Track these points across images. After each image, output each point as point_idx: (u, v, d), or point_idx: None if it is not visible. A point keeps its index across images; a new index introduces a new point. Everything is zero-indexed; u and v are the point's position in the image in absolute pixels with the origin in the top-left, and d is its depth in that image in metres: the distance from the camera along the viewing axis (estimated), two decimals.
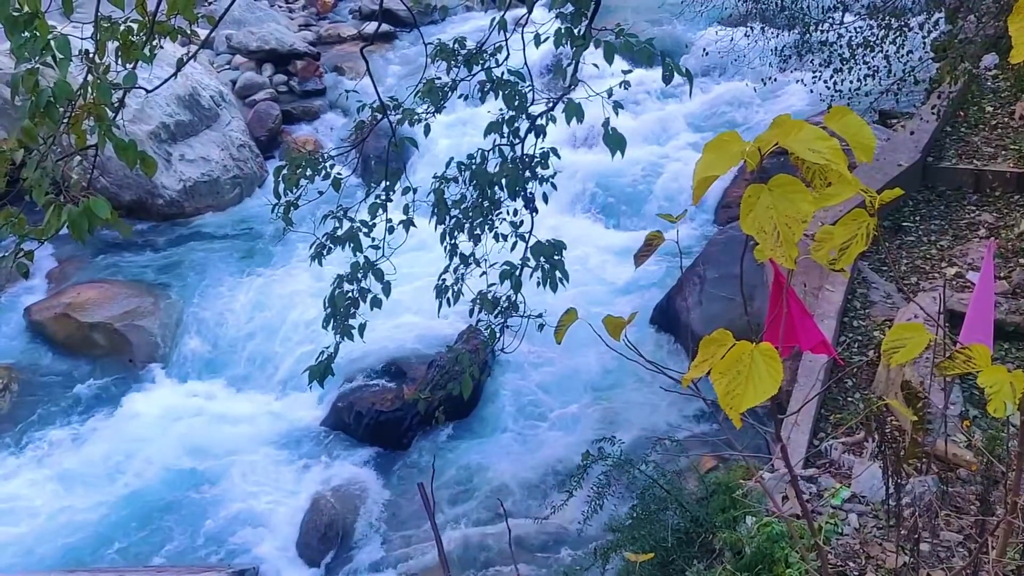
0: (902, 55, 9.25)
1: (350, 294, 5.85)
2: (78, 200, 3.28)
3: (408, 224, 5.98)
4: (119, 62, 3.79)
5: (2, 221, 3.40)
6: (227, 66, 16.51)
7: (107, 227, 3.43)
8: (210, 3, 17.29)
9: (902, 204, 8.89)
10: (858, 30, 9.80)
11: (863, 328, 7.23)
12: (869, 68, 9.45)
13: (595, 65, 5.37)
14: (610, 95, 5.42)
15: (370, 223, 5.84)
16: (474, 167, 5.87)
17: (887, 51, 9.21)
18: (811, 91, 10.29)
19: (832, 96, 9.27)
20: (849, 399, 6.49)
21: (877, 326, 7.17)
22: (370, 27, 17.91)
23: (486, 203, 5.90)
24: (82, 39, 3.58)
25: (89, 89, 3.47)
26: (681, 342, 8.99)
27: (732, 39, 12.39)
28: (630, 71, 5.64)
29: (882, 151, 9.20)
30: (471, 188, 5.93)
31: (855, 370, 6.64)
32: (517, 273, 5.79)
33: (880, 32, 9.34)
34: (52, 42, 3.32)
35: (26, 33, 3.28)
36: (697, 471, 6.15)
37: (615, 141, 5.09)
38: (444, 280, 6.13)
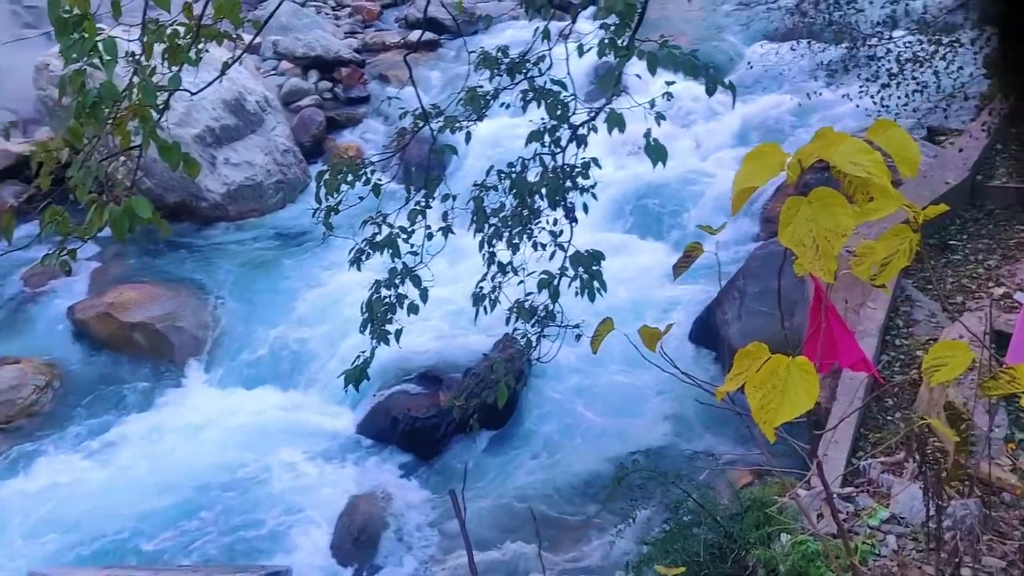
0: (952, 71, 9.12)
1: (387, 299, 5.86)
2: (120, 200, 3.31)
3: (447, 231, 5.98)
4: (165, 65, 3.83)
5: (47, 219, 3.45)
6: (273, 72, 16.69)
7: (149, 227, 3.46)
8: (257, 8, 17.50)
9: (948, 222, 8.75)
10: (907, 45, 9.68)
11: (905, 347, 7.12)
12: (918, 84, 9.32)
13: (638, 76, 5.35)
14: (652, 106, 5.39)
15: (409, 229, 5.85)
16: (514, 175, 5.86)
17: (936, 67, 9.09)
18: (857, 106, 10.18)
19: (879, 111, 9.16)
20: (889, 418, 6.38)
21: (920, 345, 7.05)
22: (414, 35, 18.03)
23: (525, 212, 5.88)
24: (129, 41, 3.63)
25: (135, 91, 3.51)
26: (720, 356, 8.92)
27: (778, 53, 12.31)
28: (673, 82, 5.61)
29: (929, 168, 9.07)
30: (511, 196, 5.92)
31: (896, 389, 6.53)
32: (555, 282, 5.77)
33: (930, 48, 9.22)
34: (100, 44, 3.36)
35: (75, 35, 3.33)
36: (732, 486, 6.08)
37: (656, 152, 5.06)
38: (481, 288, 6.12)
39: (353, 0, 21.05)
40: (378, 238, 5.85)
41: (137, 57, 3.63)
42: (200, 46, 3.91)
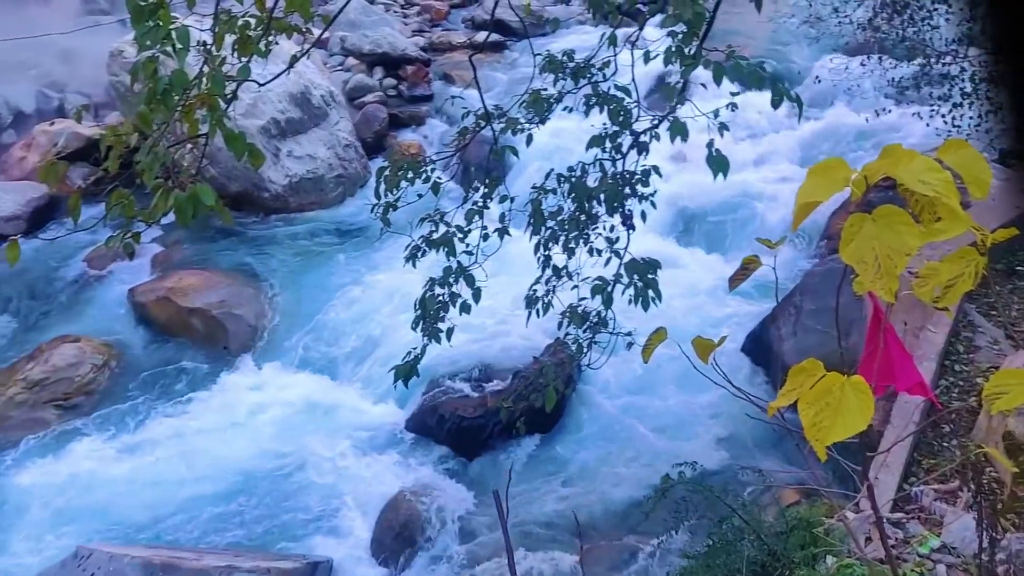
0: None
1: (440, 298, 5.88)
2: (185, 186, 3.37)
3: (503, 232, 5.99)
4: (235, 55, 3.89)
5: (113, 202, 3.52)
6: (339, 67, 16.88)
7: (211, 215, 3.52)
8: (327, 3, 17.70)
9: (1018, 247, 8.53)
10: (983, 64, 9.47)
11: (965, 373, 6.96)
12: (992, 104, 9.10)
13: (703, 85, 5.30)
14: (716, 116, 5.34)
15: (465, 229, 5.86)
16: (574, 180, 5.84)
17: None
18: (927, 125, 9.97)
19: (950, 132, 8.96)
20: (945, 445, 6.25)
21: (981, 372, 6.89)
22: (481, 36, 18.09)
23: (583, 217, 5.87)
24: (201, 31, 3.69)
25: (204, 80, 3.57)
26: (772, 372, 8.80)
27: (847, 68, 12.11)
28: (738, 93, 5.55)
29: (999, 191, 8.86)
30: (569, 201, 5.91)
31: (953, 415, 6.39)
32: (609, 289, 5.74)
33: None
34: (173, 32, 3.42)
35: (149, 23, 3.39)
36: (778, 503, 6.00)
37: (718, 163, 5.01)
38: (535, 291, 6.12)
39: None
40: (434, 236, 5.88)
41: (208, 47, 3.69)
42: (270, 38, 3.97)
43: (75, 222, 3.66)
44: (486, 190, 6.00)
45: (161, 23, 3.40)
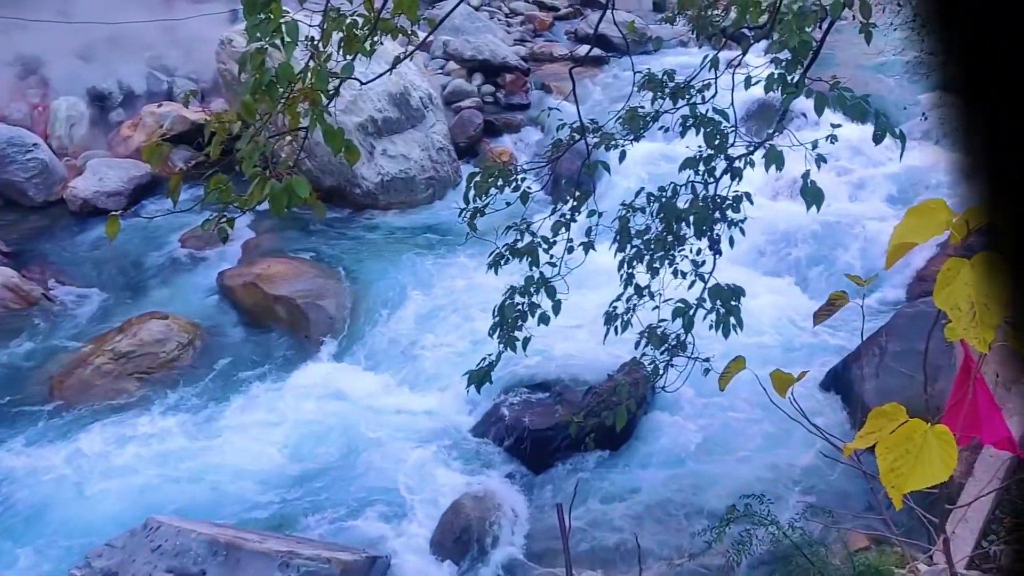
0: None
1: (520, 307, 5.89)
2: (282, 177, 3.44)
3: (588, 247, 5.97)
4: (340, 53, 3.96)
5: (211, 187, 3.61)
6: (440, 71, 17.08)
7: (304, 207, 3.58)
8: (432, 7, 17.93)
9: None
10: None
11: None
12: None
13: (803, 115, 5.23)
14: (815, 147, 5.25)
15: (551, 240, 5.86)
16: (664, 200, 5.81)
17: None
18: None
19: None
20: None
21: None
22: (582, 49, 18.10)
23: (670, 238, 5.82)
24: (310, 26, 3.77)
25: (309, 74, 3.64)
26: (850, 412, 8.59)
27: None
28: (839, 125, 5.45)
29: None
30: (657, 220, 5.87)
31: None
32: (691, 312, 5.68)
33: None
34: (283, 26, 3.51)
35: (261, 15, 3.48)
36: (846, 547, 5.85)
37: (813, 195, 4.92)
38: (615, 308, 6.08)
39: (527, 9, 21.33)
40: (519, 245, 5.90)
41: (315, 43, 3.77)
42: (375, 38, 4.03)
43: (174, 203, 3.77)
44: (575, 203, 6.00)
45: (272, 16, 3.48)
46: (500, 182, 5.82)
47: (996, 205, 0.72)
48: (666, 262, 5.91)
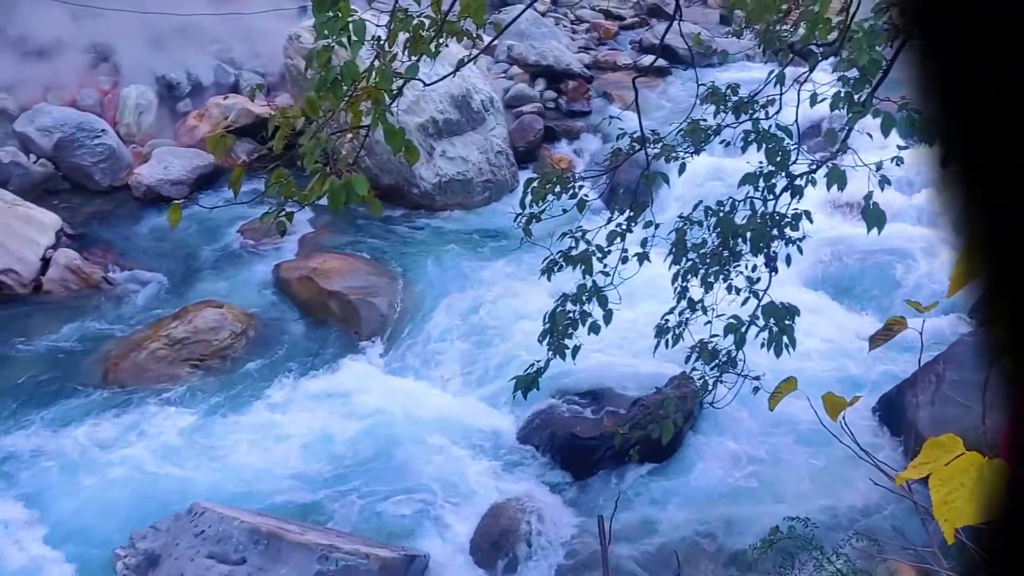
0: None
1: (571, 314, 5.87)
2: (341, 174, 3.47)
3: (643, 258, 5.94)
4: (405, 53, 3.99)
5: (272, 180, 3.65)
6: (503, 75, 17.12)
7: (361, 204, 3.61)
8: (499, 11, 17.99)
9: None
10: None
11: None
12: None
13: (869, 135, 5.13)
14: (879, 168, 5.16)
15: (605, 249, 5.84)
16: (721, 214, 5.75)
17: None
18: None
19: None
20: None
21: None
22: (646, 59, 18.03)
23: (726, 253, 5.76)
24: (377, 26, 3.80)
25: (373, 74, 3.67)
26: (903, 440, 8.43)
27: None
28: (906, 147, 5.35)
29: None
30: (714, 235, 5.81)
31: None
32: (743, 329, 5.61)
33: None
34: (350, 25, 3.54)
35: (330, 13, 3.52)
36: None
37: (875, 217, 4.83)
38: (667, 320, 6.04)
39: (592, 17, 21.31)
40: (573, 252, 5.88)
41: (381, 42, 3.80)
42: (441, 40, 4.05)
43: (235, 194, 3.82)
44: (631, 213, 5.97)
45: (340, 15, 3.52)
46: (557, 188, 5.81)
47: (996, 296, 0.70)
48: (721, 277, 5.85)
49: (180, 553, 6.99)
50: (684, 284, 5.93)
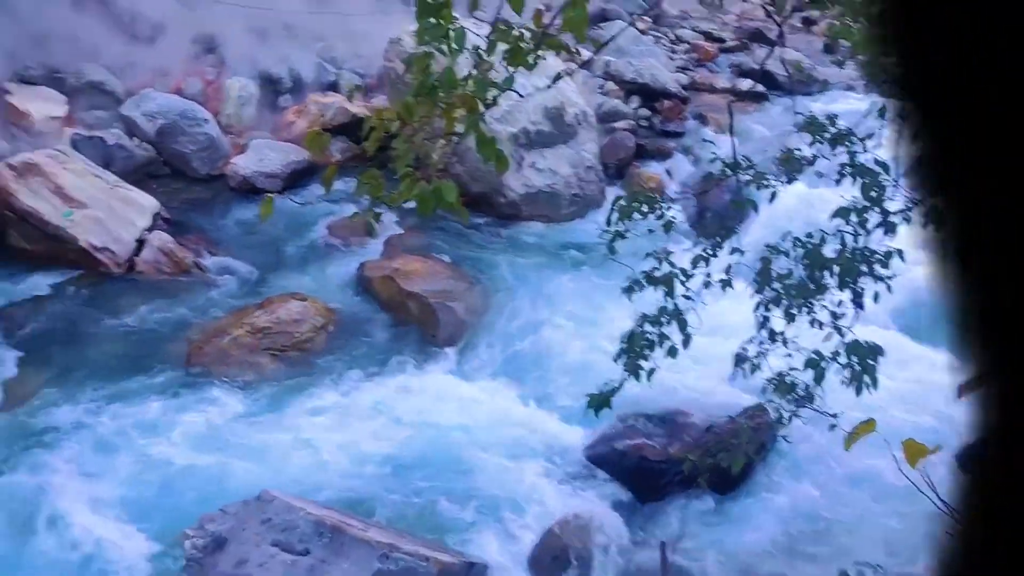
0: None
1: (649, 336, 5.83)
2: (431, 179, 3.51)
3: (726, 284, 5.87)
4: (503, 64, 4.01)
5: (364, 181, 3.71)
6: (598, 90, 17.10)
7: (449, 210, 3.64)
8: (600, 27, 17.99)
9: None
10: None
11: None
12: None
13: None
14: None
15: (689, 272, 5.79)
16: (810, 246, 5.66)
17: None
18: None
19: None
20: None
21: None
22: (745, 84, 17.83)
23: (812, 285, 5.67)
24: (477, 35, 3.83)
25: (470, 82, 3.70)
26: None
27: None
28: None
29: None
30: (801, 266, 5.72)
31: None
32: (823, 364, 5.50)
33: None
34: (451, 32, 3.58)
35: (432, 20, 3.57)
36: None
37: None
38: (746, 349, 5.96)
39: (693, 38, 21.16)
40: (656, 273, 5.84)
41: (480, 52, 3.83)
42: (539, 53, 4.06)
43: (327, 191, 3.90)
44: (718, 238, 5.91)
45: (442, 22, 3.56)
46: (645, 208, 5.79)
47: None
48: (804, 310, 5.75)
49: (246, 539, 7.12)
50: (766, 314, 5.85)
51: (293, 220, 12.97)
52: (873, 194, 5.42)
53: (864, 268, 5.55)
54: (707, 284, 5.84)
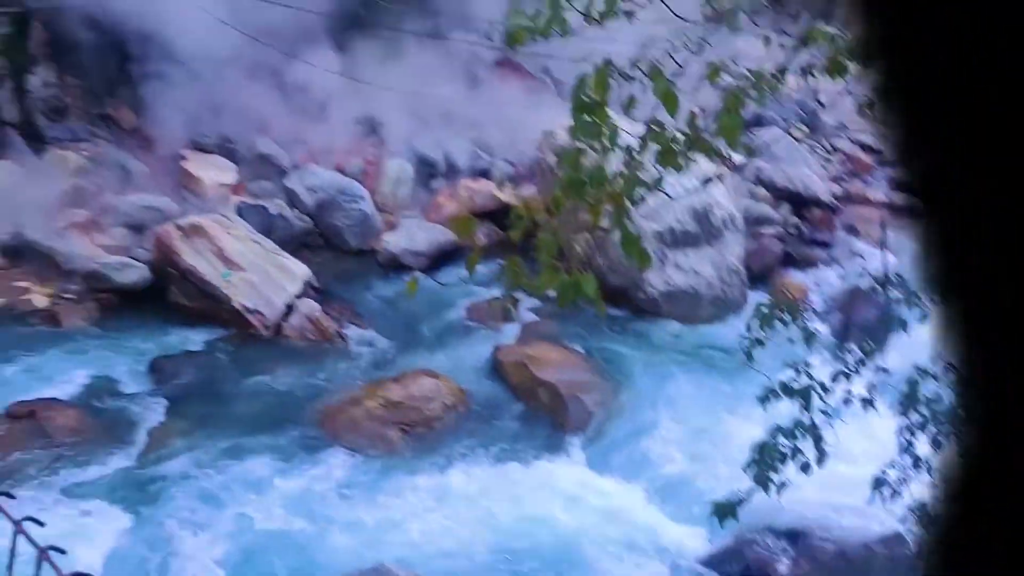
0: None
1: (782, 448, 5.64)
2: (572, 271, 3.55)
3: (868, 403, 5.65)
4: (654, 163, 4.05)
5: (507, 267, 3.78)
6: (748, 194, 16.97)
7: (587, 302, 3.66)
8: (755, 132, 17.93)
9: None
10: None
11: None
12: None
13: None
14: None
15: (828, 387, 5.60)
16: None
17: None
18: None
19: None
20: None
21: None
22: (900, 199, 17.33)
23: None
24: (629, 134, 3.89)
25: (619, 179, 3.75)
26: None
27: None
28: None
29: None
30: (951, 391, 5.45)
31: None
32: None
33: None
34: (605, 131, 3.65)
35: (587, 117, 3.65)
36: None
37: None
38: (886, 473, 5.69)
39: (850, 148, 20.82)
40: (794, 385, 5.68)
41: (632, 150, 3.88)
42: (691, 155, 4.09)
43: (470, 274, 4.00)
44: (862, 355, 5.71)
45: (597, 120, 3.63)
46: (787, 317, 5.66)
47: None
48: (952, 438, 5.46)
49: None
50: (910, 439, 5.57)
51: (434, 299, 13.27)
52: None
53: None
54: (847, 401, 5.64)
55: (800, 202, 16.73)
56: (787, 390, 5.68)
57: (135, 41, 14.82)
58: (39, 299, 12.55)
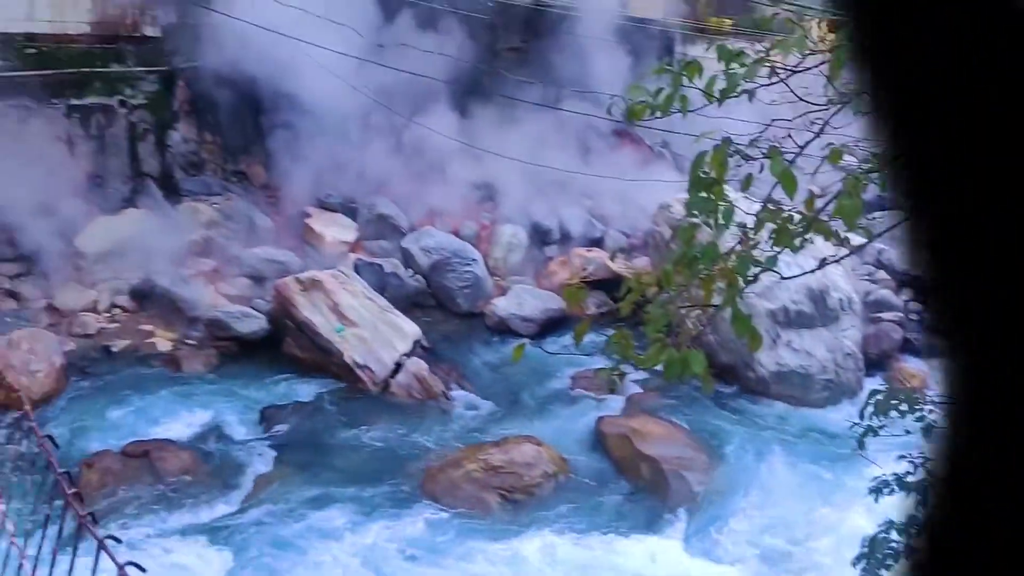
0: None
1: (894, 545, 5.39)
2: (681, 347, 3.51)
3: None
4: (768, 242, 4.00)
5: (615, 340, 3.77)
6: (867, 277, 16.54)
7: (694, 378, 3.62)
8: (875, 216, 17.50)
9: None
10: None
11: None
12: None
13: None
14: None
15: None
16: None
17: None
18: None
19: None
20: None
21: None
22: None
23: None
24: (745, 212, 3.86)
25: (733, 257, 3.71)
26: None
27: None
28: None
29: None
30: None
31: None
32: None
33: None
34: (721, 208, 3.64)
35: (704, 194, 3.64)
36: None
37: None
38: None
39: None
40: (910, 478, 5.45)
41: (747, 229, 3.85)
42: (807, 236, 4.02)
43: (577, 344, 3.99)
44: None
45: (713, 197, 3.62)
46: (904, 406, 5.45)
47: None
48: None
49: None
50: None
51: (540, 365, 13.28)
52: None
53: None
54: None
55: (923, 288, 16.15)
56: (902, 483, 5.46)
57: (269, 101, 15.56)
58: (163, 343, 13.11)
